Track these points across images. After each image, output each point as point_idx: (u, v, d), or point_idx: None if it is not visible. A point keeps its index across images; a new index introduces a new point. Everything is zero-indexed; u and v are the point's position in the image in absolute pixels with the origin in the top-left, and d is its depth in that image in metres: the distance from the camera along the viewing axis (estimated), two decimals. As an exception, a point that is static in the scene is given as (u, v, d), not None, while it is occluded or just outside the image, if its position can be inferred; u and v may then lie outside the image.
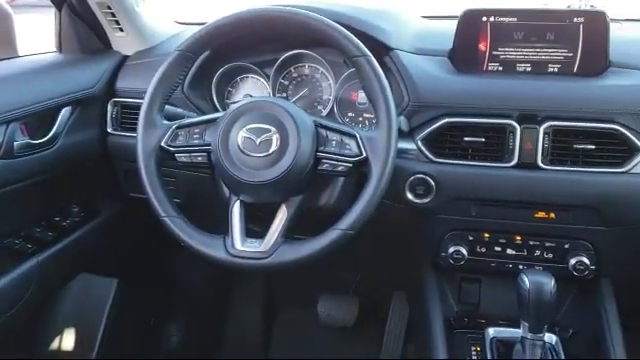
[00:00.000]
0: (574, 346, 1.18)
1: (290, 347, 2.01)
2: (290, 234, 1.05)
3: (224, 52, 1.35)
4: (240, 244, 1.01)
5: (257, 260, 1.00)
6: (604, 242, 1.19)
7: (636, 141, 1.10)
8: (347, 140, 1.02)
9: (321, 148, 1.03)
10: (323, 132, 1.04)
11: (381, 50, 1.24)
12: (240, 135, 1.01)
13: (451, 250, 1.23)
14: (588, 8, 1.20)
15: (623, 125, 1.11)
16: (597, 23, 1.17)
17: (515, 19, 1.20)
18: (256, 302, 2.11)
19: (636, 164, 1.11)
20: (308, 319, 2.00)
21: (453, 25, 1.24)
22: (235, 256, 1.00)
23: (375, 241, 1.35)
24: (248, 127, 1.01)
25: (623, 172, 1.11)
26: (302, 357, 1.90)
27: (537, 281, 1.02)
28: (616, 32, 1.31)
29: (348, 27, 1.07)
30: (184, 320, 2.00)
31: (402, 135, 1.16)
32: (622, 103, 1.12)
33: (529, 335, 1.06)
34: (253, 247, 1.01)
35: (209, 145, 1.05)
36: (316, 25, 1.03)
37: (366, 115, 1.34)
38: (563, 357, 1.13)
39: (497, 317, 1.26)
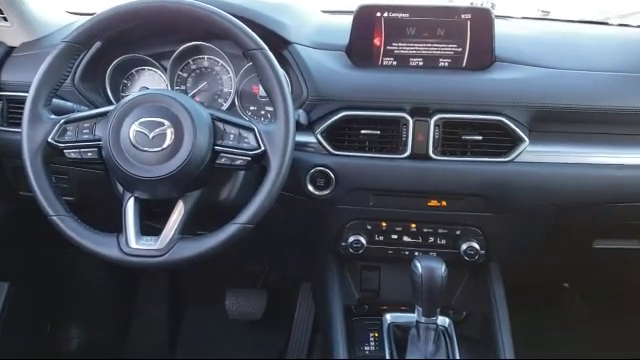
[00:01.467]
0: (466, 327, 1.26)
1: (198, 343, 1.99)
2: (191, 230, 1.04)
3: (118, 43, 1.30)
4: (134, 242, 0.99)
5: (152, 258, 0.98)
6: (492, 228, 1.26)
7: (519, 132, 1.17)
8: (245, 133, 1.02)
9: (219, 142, 1.02)
10: (220, 125, 1.03)
11: (280, 44, 1.25)
12: (132, 129, 0.98)
13: (351, 239, 1.27)
14: (488, 6, 1.26)
15: (507, 117, 1.18)
16: (483, 19, 1.23)
17: (407, 15, 1.24)
18: (163, 299, 2.07)
19: (519, 153, 1.18)
20: (216, 314, 1.98)
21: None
22: (129, 254, 0.98)
23: (278, 233, 1.36)
24: (140, 121, 0.99)
25: (508, 161, 1.19)
26: (210, 352, 1.88)
27: (429, 267, 1.07)
28: (502, 28, 1.39)
29: (245, 20, 1.06)
30: (85, 322, 1.92)
31: (301, 128, 1.18)
32: (506, 96, 1.19)
33: (423, 319, 1.11)
34: (148, 245, 0.98)
35: (99, 140, 1.01)
36: (211, 17, 1.02)
37: (268, 108, 1.34)
38: (455, 338, 1.20)
39: (397, 302, 1.31)
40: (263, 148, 1.00)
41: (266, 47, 1.02)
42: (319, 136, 1.20)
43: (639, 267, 1.51)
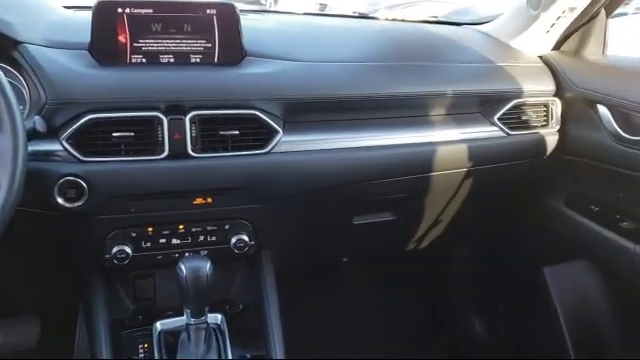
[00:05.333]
0: (241, 320, 1.27)
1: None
2: None
3: None
4: None
5: None
6: (259, 218, 1.29)
7: (273, 124, 1.21)
8: None
9: None
10: None
11: (8, 44, 1.12)
12: None
13: (114, 250, 1.20)
14: (219, 0, 1.27)
15: (260, 110, 1.20)
16: (228, 15, 1.23)
17: (151, 11, 1.19)
18: None
19: (275, 144, 1.22)
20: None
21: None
22: None
23: (30, 253, 1.24)
24: None
25: (266, 153, 1.22)
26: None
27: (193, 267, 1.05)
28: (254, 23, 1.42)
29: None
30: None
31: (41, 136, 1.07)
32: (257, 90, 1.21)
33: (192, 320, 1.10)
34: None
35: None
36: None
37: None
38: (227, 334, 1.21)
39: (175, 308, 1.27)
40: None
41: None
42: (65, 143, 1.10)
43: (394, 236, 1.67)
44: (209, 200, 1.22)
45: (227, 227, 1.27)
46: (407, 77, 1.36)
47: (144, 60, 1.21)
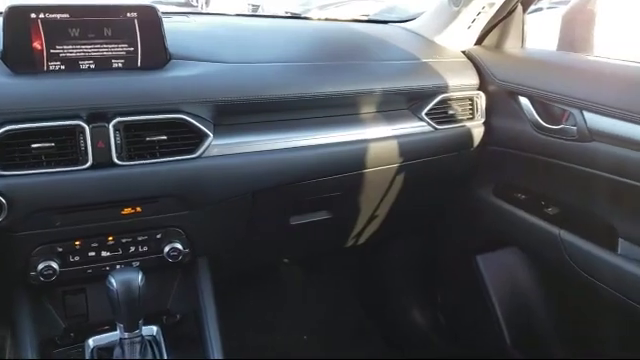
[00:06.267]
0: (179, 329, 1.24)
1: None
2: None
3: None
4: None
5: None
6: (193, 225, 1.26)
7: (202, 127, 1.18)
8: None
9: None
10: None
11: None
12: None
13: (40, 267, 1.14)
14: (140, 3, 1.23)
15: (188, 114, 1.17)
16: (150, 17, 1.19)
17: (68, 15, 1.15)
18: None
19: (206, 148, 1.19)
20: None
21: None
22: None
23: None
24: None
25: (196, 157, 1.19)
26: None
27: (123, 280, 1.02)
28: (178, 25, 1.39)
29: None
30: None
31: None
32: (183, 93, 1.19)
33: (126, 335, 1.06)
34: None
35: None
36: None
37: None
38: (163, 346, 1.18)
39: (110, 322, 1.23)
40: None
41: None
42: None
43: (332, 234, 1.68)
44: (138, 209, 1.19)
45: (159, 236, 1.23)
46: (335, 76, 1.37)
47: (62, 67, 1.16)
